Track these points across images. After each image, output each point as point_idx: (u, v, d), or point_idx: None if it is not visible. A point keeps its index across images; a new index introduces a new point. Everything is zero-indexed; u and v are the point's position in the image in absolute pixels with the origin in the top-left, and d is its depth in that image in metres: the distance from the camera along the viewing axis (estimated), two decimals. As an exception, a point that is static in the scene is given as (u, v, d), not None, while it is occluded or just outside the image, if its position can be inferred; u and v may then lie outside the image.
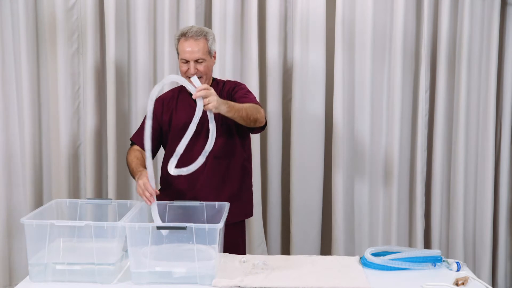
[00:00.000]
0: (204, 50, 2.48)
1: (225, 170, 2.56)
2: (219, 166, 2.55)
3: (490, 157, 3.41)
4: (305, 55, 3.33)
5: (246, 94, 2.57)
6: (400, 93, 3.37)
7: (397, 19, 3.32)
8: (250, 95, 2.58)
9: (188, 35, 2.48)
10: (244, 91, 2.59)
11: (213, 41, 2.55)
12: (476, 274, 3.38)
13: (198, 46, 2.47)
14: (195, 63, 2.48)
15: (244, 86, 2.63)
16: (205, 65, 2.50)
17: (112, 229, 2.08)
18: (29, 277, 2.09)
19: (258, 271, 2.17)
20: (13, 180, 3.23)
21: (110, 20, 3.22)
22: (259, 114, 2.44)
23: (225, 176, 2.56)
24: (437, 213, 3.45)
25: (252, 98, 2.54)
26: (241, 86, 2.63)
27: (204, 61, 2.49)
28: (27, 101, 3.22)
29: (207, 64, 2.51)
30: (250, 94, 2.60)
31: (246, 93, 2.58)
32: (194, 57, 2.46)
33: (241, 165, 2.61)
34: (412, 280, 2.13)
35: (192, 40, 2.47)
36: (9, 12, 3.15)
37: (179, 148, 2.21)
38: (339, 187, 3.37)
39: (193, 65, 2.47)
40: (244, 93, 2.57)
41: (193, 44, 2.47)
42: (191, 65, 2.47)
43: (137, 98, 3.35)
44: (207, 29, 2.55)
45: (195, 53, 2.46)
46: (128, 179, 3.41)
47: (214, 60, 2.58)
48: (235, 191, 2.59)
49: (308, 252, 3.35)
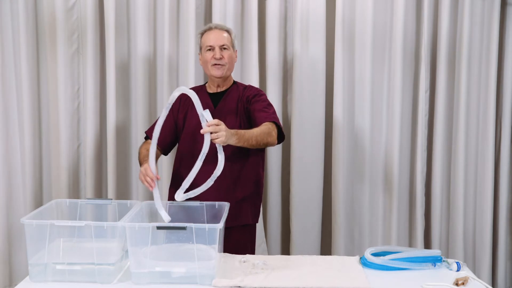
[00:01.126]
0: (229, 40, 2.61)
1: (238, 174, 2.56)
2: (232, 169, 2.54)
3: (490, 157, 3.41)
4: (305, 55, 3.33)
5: (266, 108, 2.57)
6: (400, 93, 3.37)
7: (397, 19, 3.32)
8: (269, 109, 2.58)
9: (212, 27, 2.62)
10: (265, 104, 2.59)
11: (235, 39, 2.67)
12: (476, 274, 3.38)
13: (223, 35, 2.59)
14: (220, 49, 2.57)
15: (265, 98, 2.64)
16: (229, 54, 2.60)
17: (112, 229, 2.08)
18: (29, 277, 2.09)
19: (258, 271, 2.17)
20: (13, 180, 3.23)
21: (110, 20, 3.21)
22: (270, 138, 2.45)
23: (237, 180, 2.57)
24: (437, 213, 3.45)
25: (271, 113, 2.54)
26: (262, 97, 2.63)
27: (228, 49, 2.59)
28: (27, 101, 3.22)
29: (231, 54, 2.61)
30: (270, 108, 2.60)
31: (266, 107, 2.58)
32: (220, 43, 2.57)
33: (254, 170, 2.61)
34: (412, 280, 2.13)
35: (218, 30, 2.61)
36: (9, 12, 3.15)
37: (186, 182, 2.19)
38: (339, 187, 3.37)
39: (219, 50, 2.57)
40: (264, 106, 2.58)
41: (218, 33, 2.60)
42: (217, 50, 2.57)
43: (137, 98, 3.34)
44: (231, 29, 2.68)
45: (220, 40, 2.57)
46: (128, 179, 3.42)
47: (235, 56, 2.67)
48: (247, 194, 2.59)
49: (308, 252, 3.35)
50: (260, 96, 2.63)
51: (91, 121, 3.31)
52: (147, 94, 3.36)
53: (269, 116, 2.53)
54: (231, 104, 2.63)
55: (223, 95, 2.66)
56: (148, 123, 3.35)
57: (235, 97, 2.65)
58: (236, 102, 2.63)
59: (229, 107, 2.62)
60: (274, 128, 2.50)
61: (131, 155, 3.40)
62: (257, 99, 2.61)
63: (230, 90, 2.68)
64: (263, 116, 2.52)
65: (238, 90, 2.66)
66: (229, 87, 2.69)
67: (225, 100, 2.65)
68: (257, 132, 2.41)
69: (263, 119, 2.51)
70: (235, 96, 2.65)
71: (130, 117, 3.38)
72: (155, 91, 3.38)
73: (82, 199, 2.74)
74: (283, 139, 2.62)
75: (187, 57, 3.26)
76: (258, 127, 2.45)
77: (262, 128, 2.44)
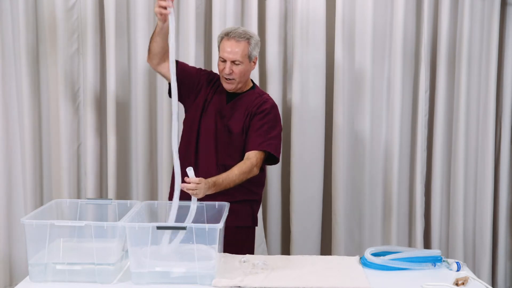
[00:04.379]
0: (243, 53, 2.51)
1: None
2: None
3: (490, 157, 3.41)
4: (305, 55, 3.33)
5: (263, 131, 2.50)
6: (400, 93, 3.37)
7: (397, 19, 3.32)
8: (269, 132, 2.51)
9: (230, 35, 2.51)
10: (267, 127, 2.52)
11: (256, 46, 2.56)
12: (476, 274, 3.38)
13: (238, 47, 2.50)
14: (231, 64, 2.50)
15: (271, 117, 2.56)
16: (241, 69, 2.52)
17: (112, 229, 2.08)
18: (29, 277, 2.09)
19: (258, 271, 2.17)
20: (13, 180, 3.23)
21: (110, 20, 3.21)
22: (251, 174, 2.45)
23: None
24: (437, 213, 3.45)
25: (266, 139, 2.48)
26: (269, 116, 2.55)
27: (241, 64, 2.51)
28: (27, 101, 3.21)
29: (244, 68, 2.53)
30: (270, 131, 2.52)
31: (264, 129, 2.51)
32: (231, 58, 2.49)
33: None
34: (412, 280, 2.14)
35: (234, 41, 2.50)
36: (9, 12, 3.15)
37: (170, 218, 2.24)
38: (339, 187, 3.37)
39: (229, 65, 2.50)
40: (262, 127, 2.51)
41: (233, 44, 2.50)
42: (227, 65, 2.50)
43: (137, 98, 3.34)
44: (252, 34, 2.58)
45: (232, 54, 2.49)
46: (128, 179, 3.41)
47: (253, 65, 2.59)
48: (244, 196, 2.57)
49: (308, 252, 3.35)
50: (268, 116, 2.55)
51: (91, 121, 3.31)
52: (147, 94, 3.35)
53: (262, 142, 2.49)
54: (240, 111, 2.58)
55: (237, 97, 2.61)
56: (149, 123, 3.36)
57: (245, 104, 2.59)
58: (244, 110, 2.58)
59: (237, 113, 2.59)
60: (259, 158, 2.46)
61: (131, 155, 3.40)
62: (262, 116, 2.54)
63: (246, 94, 2.62)
64: (255, 142, 2.49)
65: (251, 97, 2.60)
66: (245, 91, 2.63)
67: (236, 103, 2.60)
68: (236, 174, 2.39)
69: (253, 145, 2.48)
70: (246, 103, 2.59)
71: (130, 117, 3.38)
72: (155, 91, 3.37)
73: (82, 199, 2.74)
74: (277, 161, 2.59)
75: (187, 56, 3.26)
76: (239, 166, 2.42)
77: (243, 168, 2.42)
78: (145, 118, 3.35)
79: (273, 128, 2.55)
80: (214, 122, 2.59)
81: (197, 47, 3.31)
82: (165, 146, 3.32)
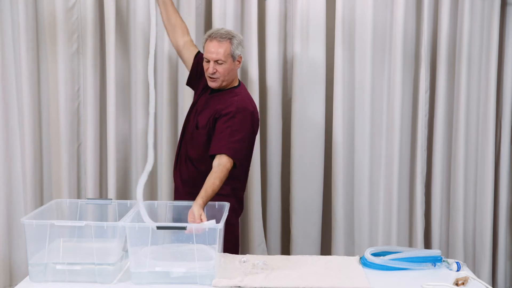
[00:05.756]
0: (226, 53, 2.60)
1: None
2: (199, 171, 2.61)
3: (490, 157, 3.41)
4: (305, 55, 3.33)
5: (225, 134, 2.51)
6: (400, 93, 3.37)
7: (397, 19, 3.32)
8: (232, 135, 2.51)
9: (213, 36, 2.62)
10: (228, 131, 2.52)
11: (239, 45, 2.65)
12: (476, 274, 3.38)
13: (221, 47, 2.59)
14: (214, 63, 2.59)
15: (236, 121, 2.55)
16: (225, 67, 2.61)
17: (112, 229, 2.08)
18: (29, 277, 2.10)
19: (258, 271, 2.17)
20: (13, 180, 3.23)
21: (110, 20, 3.21)
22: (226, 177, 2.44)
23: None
24: (437, 213, 3.45)
25: (229, 142, 2.49)
26: (232, 120, 2.55)
27: (224, 63, 2.60)
28: (27, 101, 3.21)
29: (227, 67, 2.62)
30: (233, 134, 2.51)
31: (226, 132, 2.51)
32: (214, 57, 2.59)
33: None
34: (412, 280, 2.14)
35: (216, 42, 2.60)
36: (9, 12, 3.15)
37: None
38: (339, 187, 3.37)
39: (213, 65, 2.60)
40: (224, 130, 2.52)
41: (216, 45, 2.59)
42: (211, 65, 2.60)
43: (137, 98, 3.34)
44: (235, 34, 2.67)
45: (215, 54, 2.59)
46: (128, 179, 3.41)
47: (238, 64, 2.68)
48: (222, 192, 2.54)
49: (308, 252, 3.35)
50: (230, 118, 2.55)
51: (91, 121, 3.30)
52: (147, 94, 3.35)
53: (224, 146, 2.48)
54: (211, 107, 2.65)
55: (215, 93, 2.69)
56: (148, 123, 3.36)
57: (218, 102, 2.65)
58: (213, 108, 2.63)
59: (208, 109, 2.66)
60: (229, 162, 2.46)
61: (131, 155, 3.40)
62: (223, 119, 2.56)
63: (224, 92, 2.69)
64: (217, 146, 2.49)
65: (226, 96, 2.66)
66: (228, 88, 2.70)
67: (210, 100, 2.69)
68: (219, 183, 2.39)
69: (216, 148, 2.49)
70: (218, 101, 2.65)
71: (131, 117, 3.38)
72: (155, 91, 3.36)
73: (82, 199, 2.74)
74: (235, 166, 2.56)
75: (187, 57, 3.26)
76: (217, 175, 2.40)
77: (221, 176, 2.41)
78: (145, 118, 3.35)
79: (236, 132, 2.53)
80: (189, 115, 2.76)
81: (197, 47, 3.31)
82: (165, 146, 3.32)
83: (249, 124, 2.61)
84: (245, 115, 2.59)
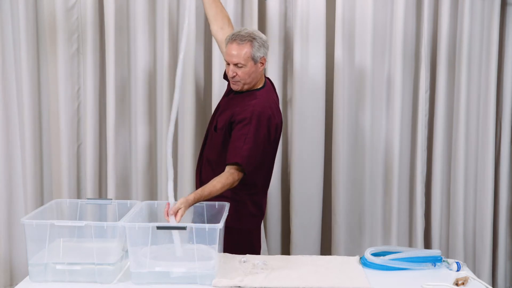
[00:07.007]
0: (246, 56, 2.47)
1: None
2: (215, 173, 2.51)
3: (490, 157, 3.41)
4: (305, 55, 3.33)
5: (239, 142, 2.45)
6: (400, 93, 3.37)
7: (397, 19, 3.32)
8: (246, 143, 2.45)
9: (233, 38, 2.50)
10: (242, 139, 2.46)
11: (261, 47, 2.51)
12: (476, 274, 3.38)
13: (241, 50, 2.47)
14: (234, 66, 2.49)
15: (250, 128, 2.47)
16: (244, 71, 2.50)
17: (112, 229, 2.08)
18: (29, 277, 2.10)
19: (258, 271, 2.17)
20: (13, 180, 3.23)
21: (110, 20, 3.21)
22: (232, 186, 2.41)
23: None
24: (437, 213, 3.45)
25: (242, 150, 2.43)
26: (249, 126, 2.47)
27: (244, 66, 2.49)
28: (27, 101, 3.21)
29: (248, 70, 2.50)
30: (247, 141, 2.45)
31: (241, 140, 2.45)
32: (233, 61, 2.49)
33: None
34: (412, 280, 2.14)
35: (236, 44, 2.48)
36: (9, 12, 3.15)
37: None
38: (339, 187, 3.37)
39: (232, 68, 2.50)
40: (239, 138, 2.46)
41: (236, 47, 2.48)
42: (231, 68, 2.51)
43: (137, 98, 3.34)
44: (257, 35, 2.52)
45: (234, 57, 2.48)
46: (128, 179, 3.41)
47: (261, 65, 2.54)
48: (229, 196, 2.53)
49: (308, 252, 3.35)
50: (245, 125, 2.48)
51: (91, 121, 3.31)
52: (147, 94, 3.35)
53: (237, 154, 2.43)
54: (230, 109, 2.57)
55: (238, 94, 2.60)
56: (148, 123, 3.36)
57: (237, 104, 2.56)
58: (232, 110, 2.55)
59: (227, 111, 2.58)
60: (236, 171, 2.42)
61: (131, 155, 3.40)
62: (239, 126, 2.50)
63: (246, 94, 2.58)
64: (231, 155, 2.44)
65: (246, 98, 2.56)
66: (249, 90, 2.59)
67: (230, 101, 2.61)
68: (220, 187, 2.35)
69: (230, 156, 2.44)
70: (238, 103, 2.56)
71: (130, 117, 3.38)
72: (155, 91, 3.37)
73: (82, 199, 2.74)
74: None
75: (187, 56, 3.26)
76: (218, 179, 2.37)
77: (227, 182, 2.38)
78: (145, 118, 3.35)
79: (249, 139, 2.47)
80: (214, 115, 2.70)
81: (197, 47, 3.32)
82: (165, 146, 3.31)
83: (264, 129, 2.50)
84: (261, 120, 2.49)
